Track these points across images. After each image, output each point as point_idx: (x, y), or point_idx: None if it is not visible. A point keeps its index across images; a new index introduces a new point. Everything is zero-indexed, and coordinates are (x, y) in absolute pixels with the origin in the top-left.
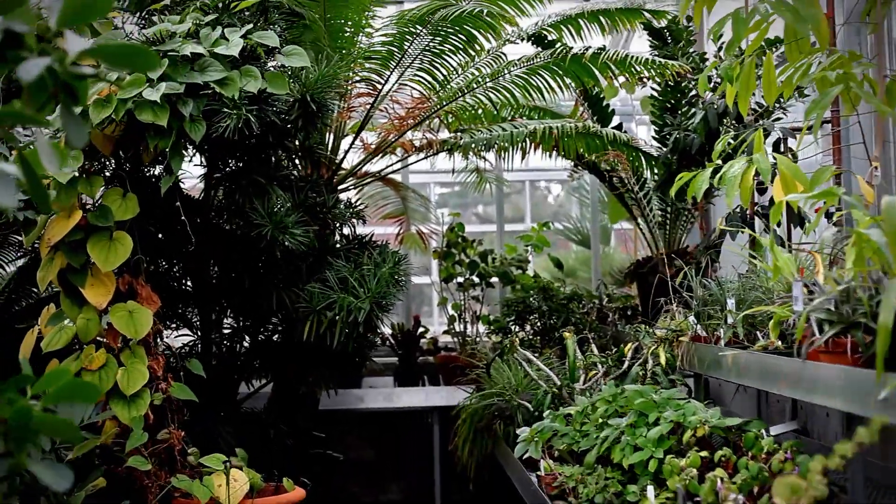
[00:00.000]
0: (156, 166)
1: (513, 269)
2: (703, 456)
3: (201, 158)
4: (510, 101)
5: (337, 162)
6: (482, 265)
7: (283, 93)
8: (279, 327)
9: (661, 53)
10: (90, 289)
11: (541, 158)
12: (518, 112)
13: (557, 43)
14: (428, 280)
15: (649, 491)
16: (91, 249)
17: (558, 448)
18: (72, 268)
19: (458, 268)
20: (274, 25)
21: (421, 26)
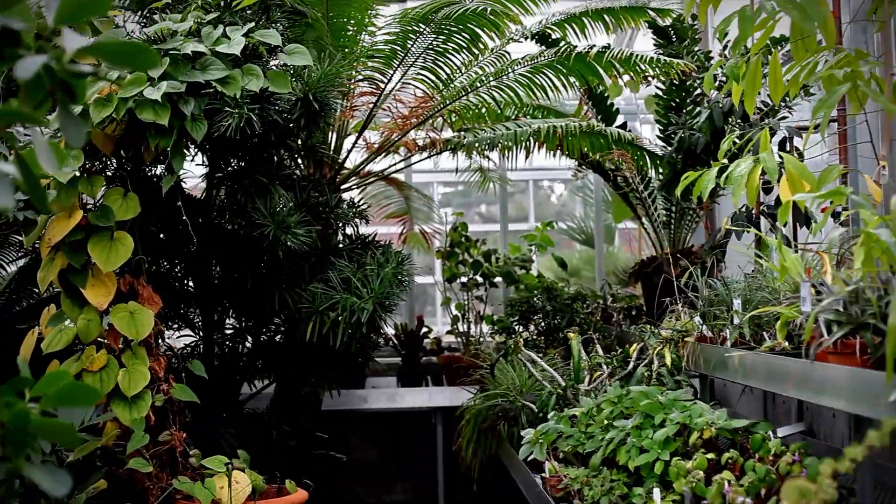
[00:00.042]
0: (157, 166)
1: (516, 269)
2: (710, 458)
3: (203, 158)
4: (514, 100)
5: (340, 161)
6: (486, 265)
7: (286, 92)
8: (282, 327)
9: (666, 52)
10: (91, 289)
11: (545, 158)
12: (522, 111)
13: (561, 41)
14: (431, 280)
15: (655, 493)
16: (92, 250)
17: (563, 450)
18: (72, 268)
19: (462, 267)
20: (276, 24)
21: (424, 24)
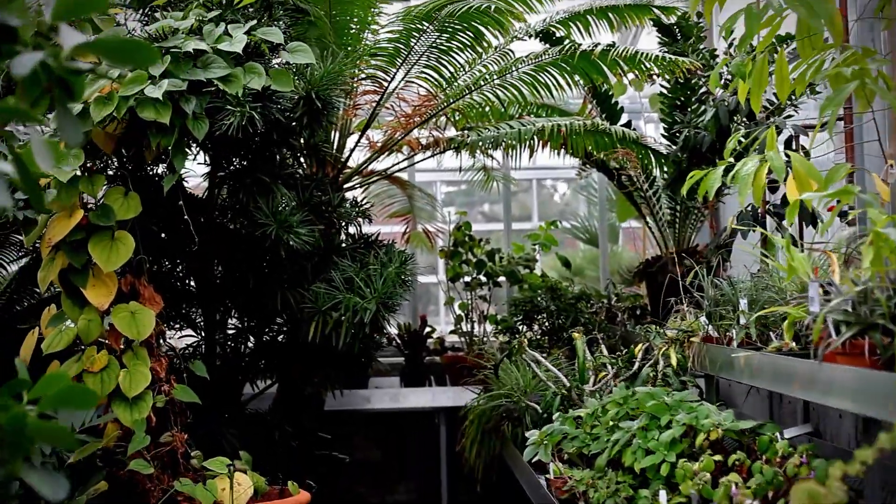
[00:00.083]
0: (159, 165)
1: (520, 269)
2: (717, 460)
3: (205, 157)
4: (518, 99)
5: (342, 160)
6: (489, 264)
7: (288, 90)
8: (284, 327)
9: (671, 50)
10: (92, 289)
11: (548, 157)
12: (526, 110)
13: (566, 39)
14: (434, 279)
15: (662, 496)
16: (92, 249)
17: (568, 451)
18: (73, 268)
19: (465, 267)
20: (278, 22)
21: (427, 23)
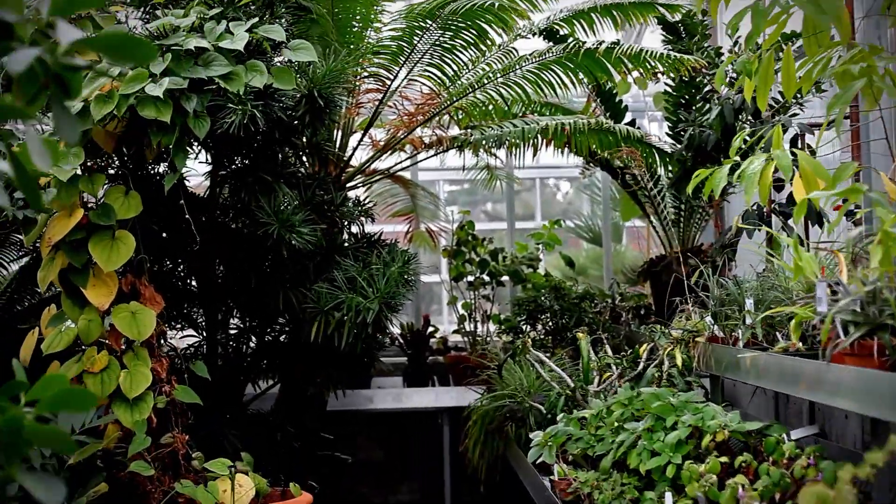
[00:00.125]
0: (159, 164)
1: (523, 268)
2: (723, 461)
3: (206, 155)
4: (521, 97)
5: (345, 159)
6: (492, 263)
7: (290, 88)
8: (286, 327)
9: (676, 48)
10: (92, 289)
11: (552, 155)
12: (529, 108)
13: (569, 38)
14: (437, 279)
15: (667, 498)
16: (93, 249)
17: (572, 452)
18: (73, 267)
19: (469, 266)
20: (280, 19)
21: (431, 21)
